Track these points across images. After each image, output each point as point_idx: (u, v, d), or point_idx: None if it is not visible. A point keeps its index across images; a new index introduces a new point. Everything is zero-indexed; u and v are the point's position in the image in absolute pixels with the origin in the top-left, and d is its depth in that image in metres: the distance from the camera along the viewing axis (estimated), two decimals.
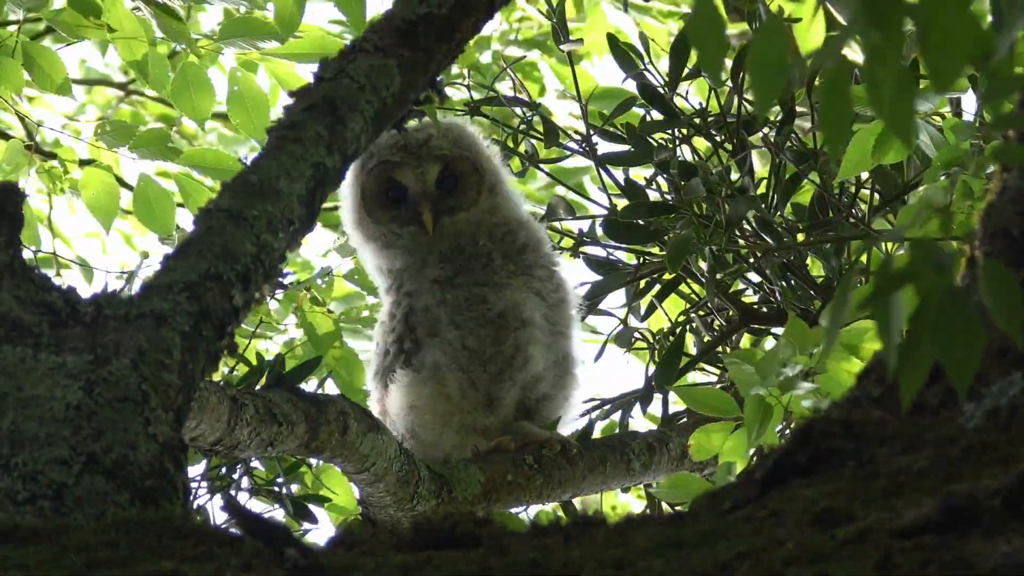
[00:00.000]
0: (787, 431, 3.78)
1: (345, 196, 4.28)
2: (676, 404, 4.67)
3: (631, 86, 4.57)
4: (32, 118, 5.42)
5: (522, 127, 4.64)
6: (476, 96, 4.70)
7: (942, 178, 3.76)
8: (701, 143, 4.60)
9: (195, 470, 4.16)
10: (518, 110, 4.67)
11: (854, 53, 3.77)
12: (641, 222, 4.46)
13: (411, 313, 4.22)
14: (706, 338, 4.61)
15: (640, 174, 4.64)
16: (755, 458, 3.51)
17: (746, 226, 4.47)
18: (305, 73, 5.00)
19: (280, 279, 5.07)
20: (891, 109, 2.01)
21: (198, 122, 5.07)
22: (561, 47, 4.76)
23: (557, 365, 4.26)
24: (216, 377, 3.80)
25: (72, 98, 5.31)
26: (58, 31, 5.00)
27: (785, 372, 3.41)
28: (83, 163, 5.27)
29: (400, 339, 4.22)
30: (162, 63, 5.00)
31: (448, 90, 4.92)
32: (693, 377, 4.66)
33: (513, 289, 4.23)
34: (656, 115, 4.55)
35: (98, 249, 6.89)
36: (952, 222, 2.85)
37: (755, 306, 4.60)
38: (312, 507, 4.18)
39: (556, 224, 4.64)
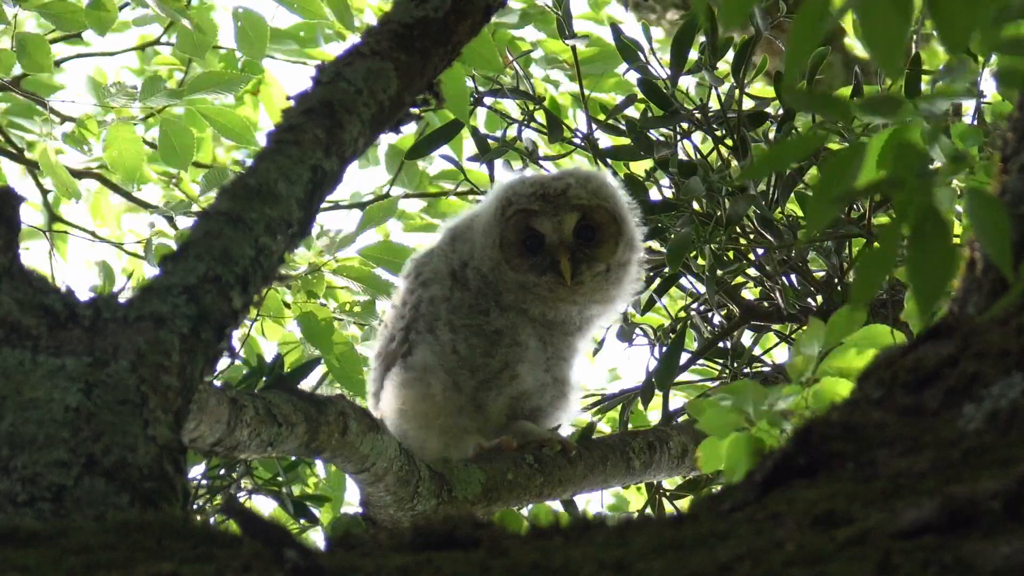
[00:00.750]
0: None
1: (482, 240, 4.26)
2: (677, 395, 4.67)
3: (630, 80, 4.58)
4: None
5: (524, 120, 4.64)
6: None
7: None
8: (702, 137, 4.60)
9: (195, 470, 4.17)
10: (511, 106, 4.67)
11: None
12: (642, 219, 4.46)
13: (419, 304, 4.24)
14: (707, 334, 4.61)
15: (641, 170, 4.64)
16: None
17: (747, 223, 4.47)
18: (305, 73, 5.12)
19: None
20: (878, 29, 1.94)
21: (198, 60, 5.32)
22: (566, 42, 4.76)
23: (554, 384, 4.27)
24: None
25: (51, 72, 5.43)
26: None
27: (775, 406, 3.40)
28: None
29: (406, 329, 4.24)
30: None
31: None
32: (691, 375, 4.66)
33: (519, 314, 4.24)
34: (657, 110, 4.55)
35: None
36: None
37: (755, 303, 4.60)
38: (312, 507, 4.18)
39: None
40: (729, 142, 4.54)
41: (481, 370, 4.20)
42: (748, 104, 4.58)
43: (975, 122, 4.07)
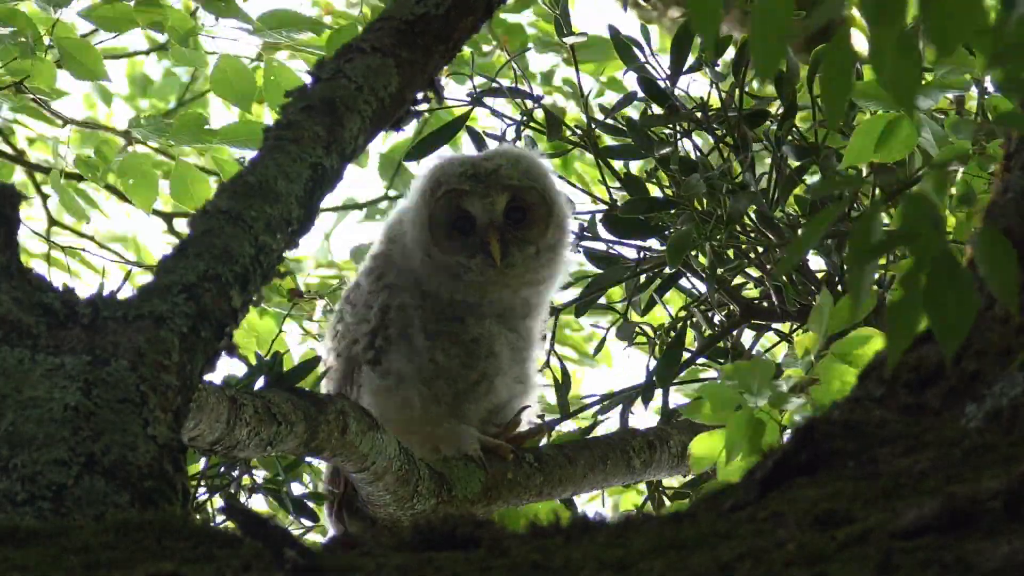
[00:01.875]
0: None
1: (411, 225, 4.20)
2: (678, 391, 4.67)
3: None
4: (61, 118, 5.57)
5: (523, 119, 4.63)
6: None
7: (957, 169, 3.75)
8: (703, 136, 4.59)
9: (194, 469, 4.16)
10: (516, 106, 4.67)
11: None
12: (642, 217, 4.45)
13: (387, 309, 4.18)
14: (707, 333, 4.60)
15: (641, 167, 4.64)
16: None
17: (747, 221, 4.46)
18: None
19: (298, 288, 5.16)
20: (893, 73, 1.97)
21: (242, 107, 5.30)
22: (564, 40, 4.75)
23: (520, 386, 4.24)
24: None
25: (108, 80, 5.40)
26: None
27: (777, 386, 3.39)
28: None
29: (374, 333, 4.18)
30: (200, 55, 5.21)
31: (449, 80, 4.93)
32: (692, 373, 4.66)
33: (491, 320, 4.20)
34: (656, 109, 4.55)
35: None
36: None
37: (756, 301, 4.59)
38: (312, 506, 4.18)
39: None
40: (730, 140, 4.53)
41: (460, 380, 4.16)
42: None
43: (979, 117, 4.07)
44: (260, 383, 3.77)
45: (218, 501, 4.17)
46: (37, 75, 5.12)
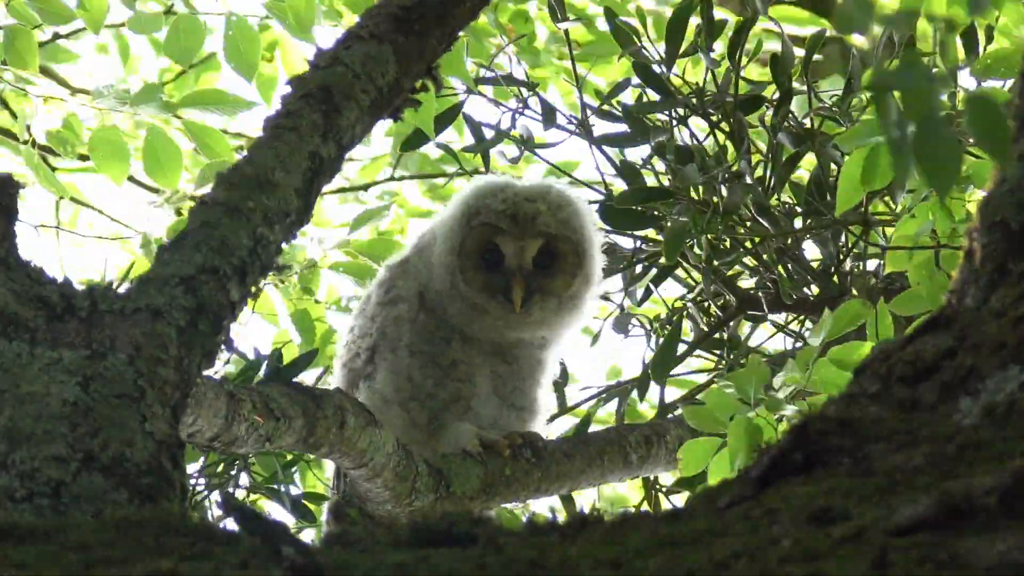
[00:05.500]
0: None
1: (442, 243, 4.18)
2: (674, 385, 4.67)
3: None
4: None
5: (519, 107, 4.62)
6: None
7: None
8: (698, 123, 4.58)
9: (194, 466, 4.16)
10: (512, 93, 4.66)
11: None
12: (638, 207, 4.44)
13: (387, 324, 4.17)
14: (703, 325, 4.60)
15: (637, 156, 4.63)
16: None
17: (743, 211, 4.45)
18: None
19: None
20: (931, 164, 2.03)
21: (184, 64, 5.26)
22: (559, 26, 4.73)
23: (517, 413, 4.21)
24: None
25: (36, 72, 5.38)
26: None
27: (773, 393, 3.40)
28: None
29: (371, 349, 4.17)
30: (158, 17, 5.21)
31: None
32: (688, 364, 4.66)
33: (480, 349, 4.17)
34: (652, 95, 4.53)
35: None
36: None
37: (752, 292, 4.58)
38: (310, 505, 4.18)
39: None
40: (726, 127, 4.52)
41: (431, 400, 4.14)
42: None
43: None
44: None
45: (217, 499, 4.17)
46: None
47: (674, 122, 4.52)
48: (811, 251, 4.58)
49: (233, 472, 4.13)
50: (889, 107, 2.02)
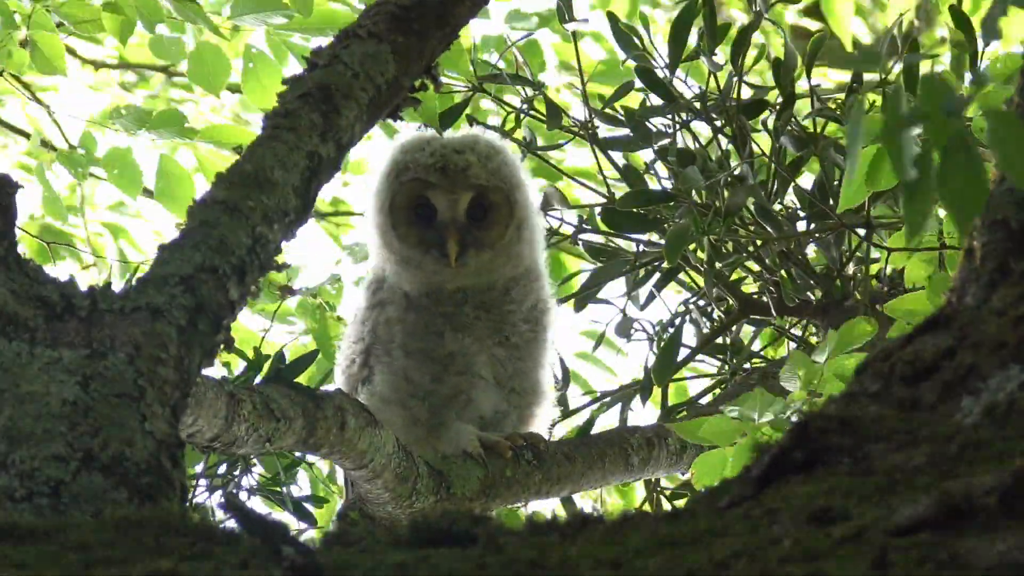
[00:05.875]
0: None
1: (371, 200, 4.18)
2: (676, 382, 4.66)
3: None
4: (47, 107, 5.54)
5: (524, 107, 4.62)
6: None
7: None
8: (701, 128, 4.58)
9: (196, 467, 4.15)
10: (515, 92, 4.65)
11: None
12: (640, 210, 4.44)
13: (377, 327, 4.16)
14: (705, 329, 4.59)
15: (640, 158, 4.62)
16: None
17: (745, 214, 4.45)
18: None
19: (290, 285, 5.15)
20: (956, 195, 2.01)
21: (214, 92, 5.24)
22: (566, 26, 4.73)
23: (520, 398, 4.19)
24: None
25: (65, 76, 5.37)
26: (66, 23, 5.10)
27: (778, 411, 3.40)
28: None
29: (366, 352, 4.17)
30: (178, 43, 5.18)
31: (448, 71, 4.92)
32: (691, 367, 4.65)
33: (474, 335, 4.16)
34: (655, 99, 4.53)
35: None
36: None
37: (754, 296, 4.58)
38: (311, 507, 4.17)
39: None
40: (728, 131, 4.52)
41: (431, 396, 4.13)
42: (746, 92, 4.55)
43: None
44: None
45: (217, 499, 4.16)
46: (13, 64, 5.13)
47: (677, 126, 4.52)
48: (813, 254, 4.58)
49: (236, 473, 4.13)
50: (904, 150, 2.00)
